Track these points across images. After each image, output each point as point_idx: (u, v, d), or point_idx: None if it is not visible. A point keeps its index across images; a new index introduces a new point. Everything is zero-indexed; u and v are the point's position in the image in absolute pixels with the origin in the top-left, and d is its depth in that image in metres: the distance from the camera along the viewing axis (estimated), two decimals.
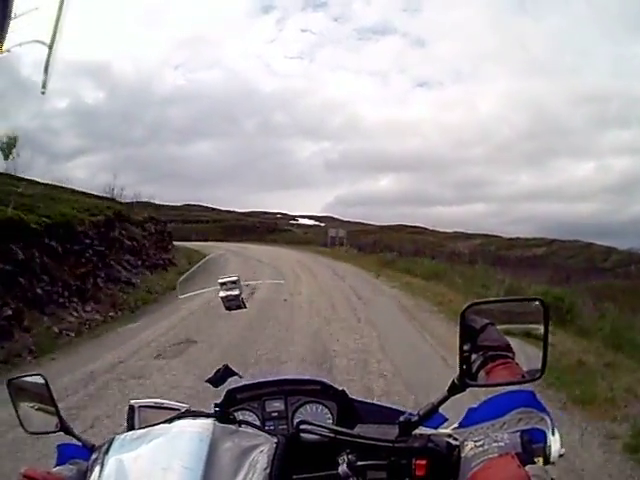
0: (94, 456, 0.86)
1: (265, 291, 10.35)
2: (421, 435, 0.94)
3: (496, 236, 60.99)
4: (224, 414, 0.88)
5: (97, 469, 0.82)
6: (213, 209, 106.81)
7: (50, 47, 1.12)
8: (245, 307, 1.41)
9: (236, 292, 1.38)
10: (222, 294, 1.39)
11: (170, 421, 0.87)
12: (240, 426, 0.88)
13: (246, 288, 1.42)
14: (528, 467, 0.80)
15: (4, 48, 1.07)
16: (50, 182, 15.76)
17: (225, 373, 1.23)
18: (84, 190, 18.60)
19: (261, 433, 0.87)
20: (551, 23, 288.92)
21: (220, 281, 1.39)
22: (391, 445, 0.92)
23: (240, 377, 1.26)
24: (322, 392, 1.27)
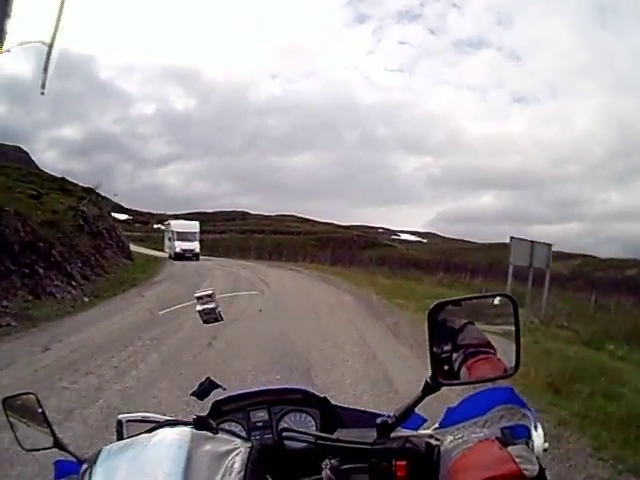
0: (83, 468, 0.90)
1: None
2: (400, 437, 0.98)
3: (592, 256, 60.47)
4: (201, 422, 0.91)
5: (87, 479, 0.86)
6: (308, 220, 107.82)
7: (50, 47, 1.11)
8: (221, 319, 1.49)
9: (212, 305, 1.47)
10: (199, 308, 1.48)
11: (151, 430, 0.93)
12: (217, 433, 0.91)
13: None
14: (510, 448, 0.81)
15: (4, 48, 1.06)
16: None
17: (209, 386, 1.32)
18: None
19: (236, 439, 0.91)
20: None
21: (196, 295, 1.48)
22: (370, 447, 0.97)
23: (224, 389, 1.35)
24: (304, 400, 1.31)
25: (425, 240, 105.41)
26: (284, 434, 1.09)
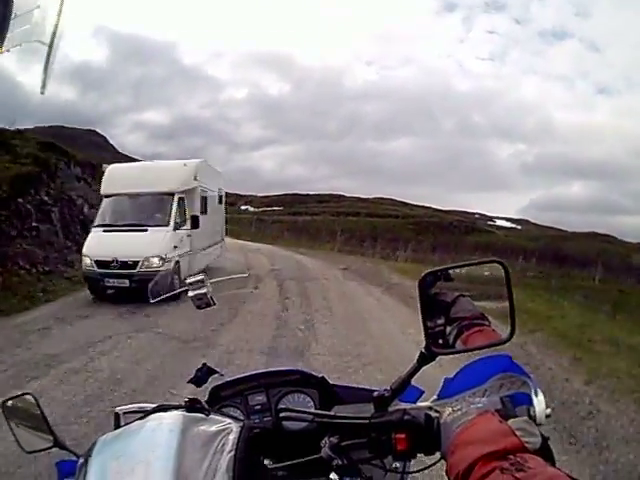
0: (80, 461, 0.91)
1: None
2: (398, 410, 0.96)
3: None
4: (193, 404, 0.92)
5: (82, 472, 0.87)
6: (406, 204, 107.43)
7: (50, 47, 1.15)
8: (214, 304, 1.49)
9: (203, 290, 1.48)
10: (191, 294, 1.48)
11: (143, 417, 0.94)
12: (209, 414, 0.92)
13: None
14: (511, 421, 0.78)
15: (4, 48, 1.10)
16: None
17: (206, 372, 1.38)
18: None
19: (228, 419, 0.92)
20: None
21: (188, 281, 1.49)
22: (368, 422, 0.96)
23: (221, 375, 1.39)
24: (302, 381, 1.34)
25: (519, 227, 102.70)
26: (282, 414, 1.06)
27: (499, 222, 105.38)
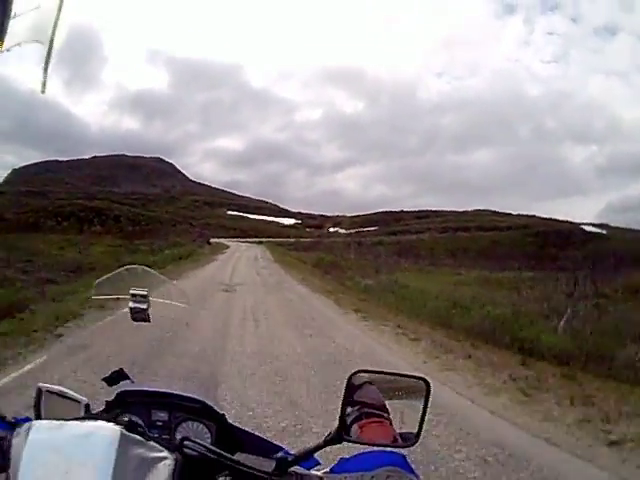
0: (15, 435, 0.95)
1: None
2: (295, 473, 1.04)
3: None
4: (132, 424, 0.96)
5: (16, 451, 0.92)
6: (507, 214, 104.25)
7: (49, 47, 1.18)
8: (149, 321, 1.62)
9: (144, 306, 1.61)
10: (131, 305, 1.61)
11: (83, 419, 0.98)
12: (148, 439, 0.95)
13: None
14: None
15: (4, 48, 1.15)
16: None
17: (119, 376, 1.53)
18: None
19: (163, 448, 0.95)
20: None
21: (131, 292, 1.61)
22: (267, 477, 1.02)
23: (132, 382, 1.53)
24: (203, 411, 1.42)
25: (604, 231, 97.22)
26: (185, 442, 1.05)
27: (586, 228, 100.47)
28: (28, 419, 1.14)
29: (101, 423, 0.94)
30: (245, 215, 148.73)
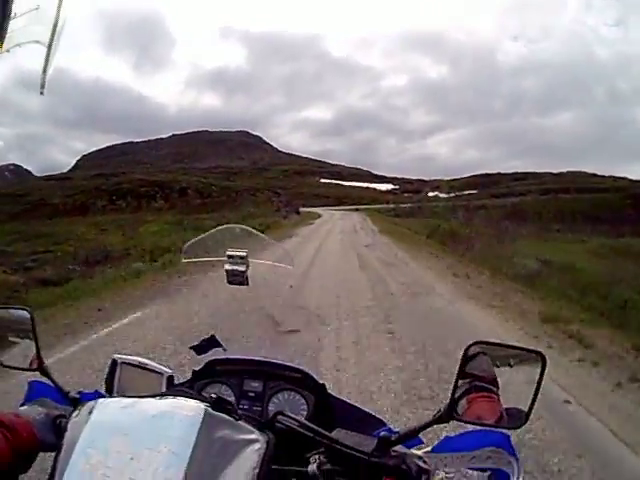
0: (74, 415, 0.88)
1: None
2: (396, 454, 0.99)
3: None
4: (219, 401, 0.89)
5: (73, 432, 0.85)
6: (596, 175, 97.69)
7: (49, 47, 1.19)
8: (247, 284, 1.52)
9: (242, 268, 1.51)
10: (227, 267, 1.51)
11: (160, 396, 0.89)
12: (238, 419, 0.88)
13: None
14: None
15: (4, 48, 1.15)
16: None
17: (210, 343, 1.46)
18: None
19: (253, 429, 0.88)
20: None
21: (229, 253, 1.51)
22: (366, 457, 0.97)
23: (224, 350, 1.46)
24: (302, 382, 1.37)
25: None
26: (278, 417, 1.00)
27: None
28: (97, 394, 1.11)
29: (181, 400, 0.87)
30: (339, 182, 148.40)
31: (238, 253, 1.51)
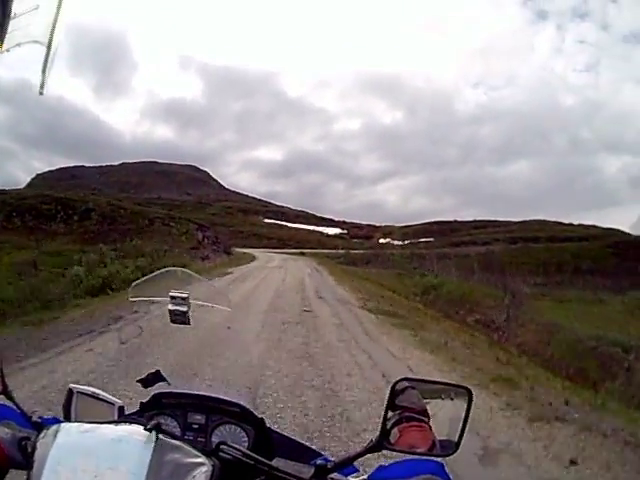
0: (42, 437, 0.97)
1: None
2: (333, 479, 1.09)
3: None
4: (167, 428, 0.99)
5: (42, 453, 0.93)
6: (560, 223, 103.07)
7: (48, 47, 1.24)
8: (189, 324, 1.64)
9: (184, 308, 1.63)
10: (170, 307, 1.63)
11: (116, 423, 0.99)
12: (181, 442, 0.96)
13: None
14: None
15: (4, 48, 1.20)
16: None
17: (155, 377, 1.63)
18: None
19: (199, 453, 0.96)
20: None
21: (171, 294, 1.63)
22: None
23: (168, 384, 1.62)
24: (242, 416, 1.49)
25: None
26: (222, 447, 1.08)
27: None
28: (56, 420, 1.17)
29: (135, 426, 0.97)
30: (284, 223, 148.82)
31: (180, 295, 1.63)
